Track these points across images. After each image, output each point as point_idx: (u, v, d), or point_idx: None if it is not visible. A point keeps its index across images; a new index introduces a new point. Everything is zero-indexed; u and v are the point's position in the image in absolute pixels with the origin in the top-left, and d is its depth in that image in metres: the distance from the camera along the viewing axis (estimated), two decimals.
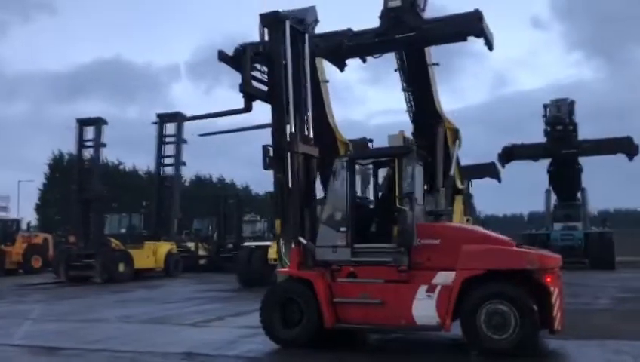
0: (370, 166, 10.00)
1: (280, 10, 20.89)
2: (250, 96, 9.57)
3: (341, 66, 20.49)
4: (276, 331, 8.93)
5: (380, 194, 9.83)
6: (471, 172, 24.26)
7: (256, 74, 9.95)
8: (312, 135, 10.49)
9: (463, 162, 23.86)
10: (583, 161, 27.06)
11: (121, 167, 59.23)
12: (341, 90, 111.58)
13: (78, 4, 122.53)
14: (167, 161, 29.85)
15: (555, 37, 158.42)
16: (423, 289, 8.34)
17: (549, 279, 8.00)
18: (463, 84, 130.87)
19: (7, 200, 32.99)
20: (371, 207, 9.48)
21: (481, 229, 9.15)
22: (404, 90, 21.14)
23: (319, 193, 10.93)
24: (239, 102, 9.76)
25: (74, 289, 20.20)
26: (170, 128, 30.30)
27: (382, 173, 10.04)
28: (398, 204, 8.63)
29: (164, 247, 26.28)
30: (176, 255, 26.97)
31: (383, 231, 9.02)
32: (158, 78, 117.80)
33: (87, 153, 25.54)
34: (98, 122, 25.18)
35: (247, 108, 9.59)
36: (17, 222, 30.51)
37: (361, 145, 20.88)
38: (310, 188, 10.06)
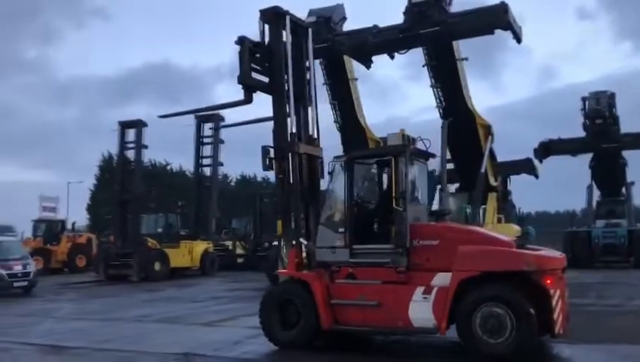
0: (375, 166, 9.87)
1: (310, 8, 20.98)
2: (249, 87, 9.56)
3: (367, 63, 20.43)
4: (275, 332, 8.93)
5: (381, 194, 9.69)
6: (506, 168, 23.64)
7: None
8: (316, 135, 10.39)
9: (504, 157, 23.34)
10: (628, 155, 25.98)
11: (168, 167, 60.42)
12: (386, 86, 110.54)
13: (131, 9, 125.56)
14: (205, 161, 30.31)
15: (602, 27, 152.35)
16: (419, 291, 8.18)
17: (548, 281, 7.70)
18: (508, 80, 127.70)
19: (57, 201, 33.97)
20: (372, 207, 9.35)
21: (480, 230, 8.91)
22: (433, 86, 20.83)
23: None
24: None
25: (110, 288, 20.78)
26: (208, 129, 30.75)
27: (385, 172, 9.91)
28: (394, 205, 8.51)
29: (201, 246, 26.69)
30: (213, 254, 27.35)
31: (382, 232, 8.85)
32: (203, 80, 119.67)
33: (130, 154, 26.18)
34: (139, 124, 25.74)
35: (248, 100, 9.60)
36: (62, 222, 31.53)
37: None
38: (314, 189, 10.01)
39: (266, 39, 9.87)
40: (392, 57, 19.75)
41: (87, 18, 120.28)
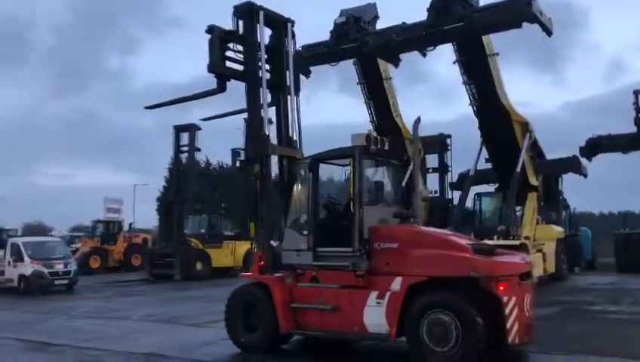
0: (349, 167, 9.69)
1: (341, 8, 20.84)
2: (221, 76, 9.57)
3: (395, 62, 20.19)
4: (238, 335, 8.95)
5: (345, 196, 9.50)
6: (551, 167, 22.54)
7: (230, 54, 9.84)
8: (297, 137, 10.29)
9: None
10: None
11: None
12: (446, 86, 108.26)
13: (204, 18, 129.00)
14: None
15: None
16: (373, 295, 7.97)
17: (501, 287, 7.30)
18: (575, 75, 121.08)
19: (120, 202, 35.57)
20: (337, 209, 9.18)
21: (441, 233, 8.52)
22: (465, 83, 20.21)
23: None
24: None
25: (147, 287, 21.55)
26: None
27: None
28: (351, 206, 8.35)
29: (244, 246, 27.07)
30: None
31: (346, 235, 8.70)
32: None
33: (184, 157, 27.01)
34: (192, 128, 26.46)
35: (221, 89, 9.62)
36: (119, 223, 32.96)
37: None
38: (290, 192, 9.93)
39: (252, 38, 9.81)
40: (423, 55, 19.38)
41: (164, 28, 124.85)
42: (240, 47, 9.83)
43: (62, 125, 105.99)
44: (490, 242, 18.99)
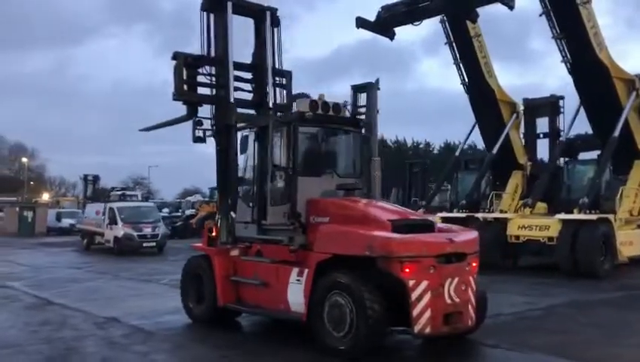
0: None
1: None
2: (188, 103, 9.29)
3: (389, 36, 19.56)
4: (189, 304, 8.91)
5: None
6: None
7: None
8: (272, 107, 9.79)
9: None
10: None
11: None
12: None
13: None
14: None
15: None
16: (295, 272, 7.46)
17: (407, 270, 6.40)
18: None
19: None
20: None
21: (371, 205, 7.61)
22: (555, 37, 18.04)
23: None
24: None
25: None
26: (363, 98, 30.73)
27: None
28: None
29: None
30: None
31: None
32: (409, 52, 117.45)
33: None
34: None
35: (190, 115, 9.34)
36: None
37: None
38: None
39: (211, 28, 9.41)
40: (510, 8, 17.96)
41: (318, 2, 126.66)
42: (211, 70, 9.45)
43: None
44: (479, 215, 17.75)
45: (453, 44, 21.40)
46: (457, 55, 21.49)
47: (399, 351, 7.27)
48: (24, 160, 64.26)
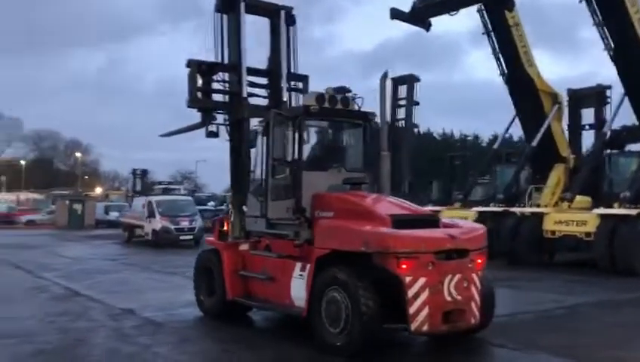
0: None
1: None
2: (202, 110, 9.39)
3: (425, 27, 19.48)
4: (201, 297, 8.98)
5: None
6: None
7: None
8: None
9: None
10: None
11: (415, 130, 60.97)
12: None
13: None
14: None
15: None
16: (298, 267, 7.40)
17: (404, 266, 6.25)
18: None
19: None
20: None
21: (373, 200, 7.44)
22: (597, 24, 17.40)
23: None
24: None
25: None
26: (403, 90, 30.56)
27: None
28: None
29: None
30: None
31: None
32: (458, 45, 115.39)
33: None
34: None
35: (204, 122, 9.40)
36: None
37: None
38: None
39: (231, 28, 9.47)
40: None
41: None
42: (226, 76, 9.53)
43: None
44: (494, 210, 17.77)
45: (492, 34, 20.90)
46: (496, 45, 20.99)
47: (401, 347, 7.13)
48: (77, 155, 66.47)
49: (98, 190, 58.54)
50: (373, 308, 6.26)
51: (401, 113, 31.30)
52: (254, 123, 8.93)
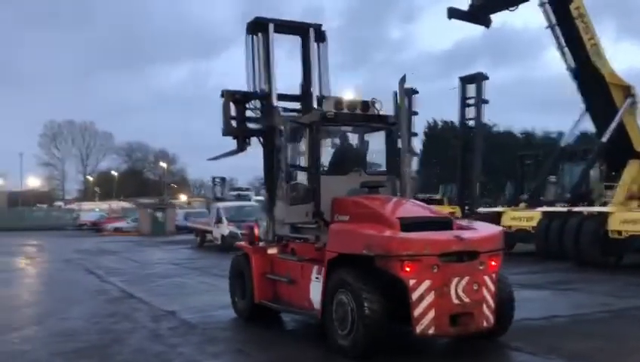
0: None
1: None
2: (237, 137, 9.71)
3: (485, 24, 19.38)
4: (235, 299, 9.30)
5: None
6: None
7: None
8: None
9: None
10: None
11: (495, 128, 59.51)
12: None
13: None
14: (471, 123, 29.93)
15: None
16: (315, 270, 7.56)
17: (408, 269, 6.26)
18: None
19: None
20: None
21: (379, 202, 7.43)
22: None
23: None
24: None
25: None
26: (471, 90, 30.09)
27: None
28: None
29: (443, 211, 26.43)
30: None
31: None
32: (539, 39, 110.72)
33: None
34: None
35: (241, 149, 9.76)
36: None
37: None
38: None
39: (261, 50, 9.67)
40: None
41: None
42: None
43: None
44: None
45: (555, 28, 20.19)
46: (561, 39, 20.26)
47: (410, 348, 7.09)
48: (163, 164, 69.62)
49: (183, 198, 61.06)
50: (378, 311, 6.31)
51: (471, 113, 30.90)
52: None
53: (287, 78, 10.21)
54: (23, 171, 75.54)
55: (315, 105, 9.56)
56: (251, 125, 9.81)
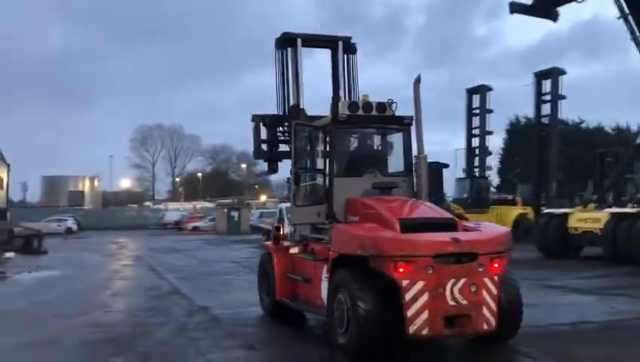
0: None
1: None
2: (268, 160, 10.09)
3: (552, 18, 19.23)
4: (262, 297, 9.59)
5: None
6: None
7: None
8: None
9: None
10: None
11: (583, 125, 56.82)
12: None
13: None
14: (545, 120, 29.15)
15: None
16: (325, 269, 7.70)
17: (401, 269, 6.28)
18: None
19: None
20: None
21: (383, 203, 7.42)
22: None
23: None
24: None
25: None
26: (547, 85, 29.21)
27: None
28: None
29: (514, 212, 25.68)
30: (530, 220, 25.84)
31: None
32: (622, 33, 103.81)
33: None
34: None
35: (272, 170, 10.25)
36: None
37: None
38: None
39: (289, 64, 9.99)
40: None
41: None
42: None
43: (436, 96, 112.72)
44: None
45: (629, 17, 19.24)
46: (635, 29, 19.28)
47: (411, 348, 7.03)
48: (243, 166, 71.58)
49: (263, 198, 62.58)
50: (371, 310, 6.37)
51: (546, 109, 29.94)
52: None
53: (317, 90, 10.42)
54: (113, 173, 79.92)
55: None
56: (283, 147, 10.08)
